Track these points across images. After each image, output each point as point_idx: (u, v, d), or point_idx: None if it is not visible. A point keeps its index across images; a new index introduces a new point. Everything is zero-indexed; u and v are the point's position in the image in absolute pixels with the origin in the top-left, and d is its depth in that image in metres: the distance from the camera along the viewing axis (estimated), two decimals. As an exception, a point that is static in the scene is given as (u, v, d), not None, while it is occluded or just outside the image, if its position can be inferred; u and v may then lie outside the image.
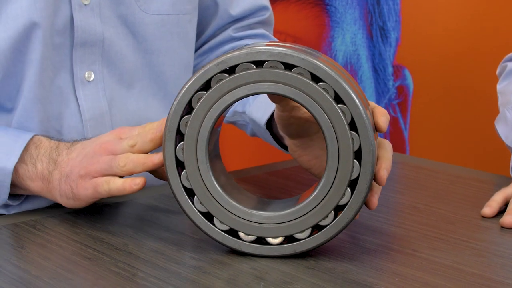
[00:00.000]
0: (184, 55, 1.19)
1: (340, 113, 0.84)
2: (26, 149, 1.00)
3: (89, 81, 1.10)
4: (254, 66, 0.85)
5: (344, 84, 0.83)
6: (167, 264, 0.86)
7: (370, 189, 0.85)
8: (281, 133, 1.04)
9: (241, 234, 0.87)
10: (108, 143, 0.95)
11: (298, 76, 0.84)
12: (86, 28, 1.08)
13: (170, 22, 1.16)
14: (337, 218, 0.86)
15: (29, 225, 0.97)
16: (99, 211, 1.02)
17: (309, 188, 0.91)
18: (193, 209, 0.87)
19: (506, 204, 1.04)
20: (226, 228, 0.87)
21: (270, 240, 0.87)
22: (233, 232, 0.88)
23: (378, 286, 0.81)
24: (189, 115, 0.86)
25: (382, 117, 0.89)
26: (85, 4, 1.07)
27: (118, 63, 1.12)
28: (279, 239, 0.87)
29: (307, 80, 0.84)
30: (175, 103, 0.86)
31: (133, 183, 0.92)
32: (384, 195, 1.12)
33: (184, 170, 0.87)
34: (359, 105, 0.83)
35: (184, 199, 0.87)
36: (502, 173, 1.26)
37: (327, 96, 0.84)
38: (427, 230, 0.97)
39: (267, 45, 0.85)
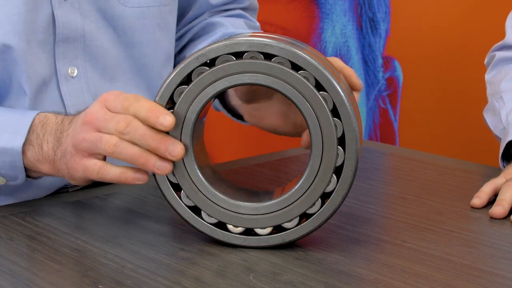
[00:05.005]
0: (165, 46, 1.19)
1: (322, 100, 0.84)
2: (32, 129, 0.98)
3: (72, 77, 1.10)
4: (234, 58, 0.85)
5: (325, 71, 0.83)
6: (157, 255, 0.85)
7: (355, 175, 0.85)
8: (235, 102, 1.02)
9: (229, 226, 0.87)
10: (94, 117, 0.89)
11: (278, 65, 0.84)
12: (67, 24, 1.08)
13: (151, 14, 1.15)
14: (324, 206, 0.86)
15: (18, 217, 0.97)
16: (88, 203, 1.02)
17: (295, 178, 0.91)
18: (180, 203, 0.87)
19: (495, 195, 1.04)
20: (214, 221, 0.87)
21: (258, 231, 0.87)
22: (221, 225, 0.88)
23: (367, 277, 0.81)
24: (172, 110, 0.86)
25: (353, 77, 0.91)
26: (64, 0, 1.07)
27: (100, 57, 1.12)
28: (268, 230, 0.87)
29: (287, 69, 0.84)
30: (157, 98, 0.86)
31: (136, 178, 0.88)
32: (373, 186, 1.12)
33: None
34: (341, 92, 0.83)
35: (171, 194, 0.87)
36: (491, 164, 1.26)
37: (308, 83, 0.84)
38: (416, 221, 0.97)
39: (246, 36, 0.85)
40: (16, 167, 0.99)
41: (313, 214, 0.86)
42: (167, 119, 0.84)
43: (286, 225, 0.87)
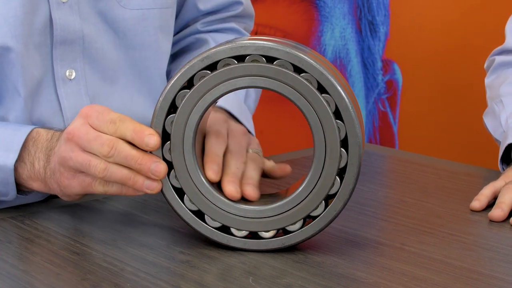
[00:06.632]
0: (167, 49, 1.18)
1: (324, 102, 0.84)
2: (24, 145, 0.98)
3: (70, 79, 1.09)
4: (236, 62, 0.85)
5: (330, 77, 0.83)
6: (156, 258, 0.85)
7: (357, 181, 0.85)
8: None
9: (233, 230, 0.87)
10: (76, 135, 0.89)
11: (280, 68, 0.84)
12: (65, 26, 1.07)
13: (152, 16, 1.15)
14: (325, 211, 0.86)
15: (17, 220, 0.97)
16: (88, 206, 1.02)
17: (296, 181, 0.91)
18: (181, 205, 0.87)
19: (494, 198, 1.04)
20: (218, 225, 0.87)
21: (263, 234, 0.87)
22: (222, 228, 0.88)
23: (367, 280, 0.81)
24: (174, 114, 0.86)
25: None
26: (63, 2, 1.06)
27: (100, 60, 1.12)
28: (272, 233, 0.87)
29: (289, 72, 0.84)
30: (161, 98, 0.86)
31: (147, 187, 0.87)
32: (372, 189, 1.12)
33: (173, 170, 0.87)
34: (345, 97, 0.83)
35: (172, 195, 0.87)
36: (490, 167, 1.26)
37: (310, 86, 0.84)
38: (415, 224, 0.97)
39: (250, 39, 0.85)
40: (8, 183, 0.99)
41: (317, 217, 0.86)
42: (152, 139, 0.86)
43: (290, 228, 0.86)
